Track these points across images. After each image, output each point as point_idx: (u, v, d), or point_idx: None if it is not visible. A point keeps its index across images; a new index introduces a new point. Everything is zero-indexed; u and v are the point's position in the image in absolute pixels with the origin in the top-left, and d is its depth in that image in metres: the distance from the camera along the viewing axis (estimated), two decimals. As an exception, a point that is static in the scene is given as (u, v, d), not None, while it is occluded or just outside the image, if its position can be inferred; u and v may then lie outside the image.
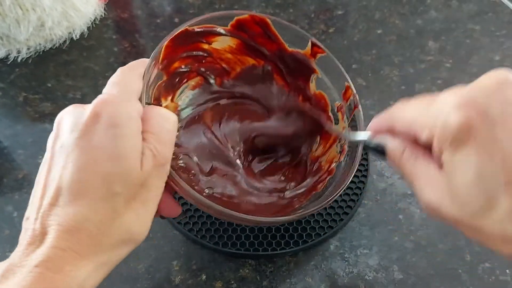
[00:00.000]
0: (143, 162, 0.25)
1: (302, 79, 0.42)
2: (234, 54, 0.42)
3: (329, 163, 0.40)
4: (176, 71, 0.39)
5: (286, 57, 0.41)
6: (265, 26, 0.40)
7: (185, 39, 0.38)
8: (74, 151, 0.24)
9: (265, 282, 0.37)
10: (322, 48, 0.39)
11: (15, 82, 0.54)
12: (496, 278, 0.37)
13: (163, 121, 0.27)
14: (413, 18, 0.63)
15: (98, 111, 0.25)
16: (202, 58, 0.41)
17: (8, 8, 0.52)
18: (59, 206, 0.23)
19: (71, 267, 0.23)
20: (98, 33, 0.60)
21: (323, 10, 0.64)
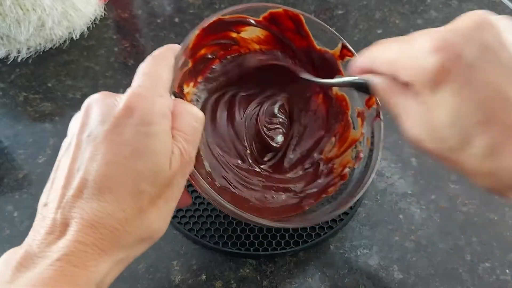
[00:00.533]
0: (171, 161, 0.25)
1: (326, 79, 0.41)
2: (261, 45, 0.41)
3: (343, 167, 0.39)
4: (202, 57, 0.39)
5: (314, 54, 0.41)
6: (298, 22, 0.39)
7: (217, 28, 0.37)
8: (103, 143, 0.24)
9: (265, 282, 0.37)
10: (352, 52, 0.39)
11: (16, 82, 0.54)
12: (497, 277, 0.37)
13: (192, 120, 0.27)
14: (414, 17, 0.63)
15: (132, 105, 0.24)
16: (228, 45, 0.41)
17: (8, 8, 0.52)
18: (83, 199, 0.23)
19: (93, 263, 0.22)
20: (98, 33, 0.60)
21: (323, 10, 0.64)
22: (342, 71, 0.40)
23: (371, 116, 0.38)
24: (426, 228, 0.41)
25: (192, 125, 0.27)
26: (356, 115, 0.40)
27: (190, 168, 0.27)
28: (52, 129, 0.49)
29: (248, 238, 0.39)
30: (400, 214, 0.42)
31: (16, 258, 0.22)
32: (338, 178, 0.39)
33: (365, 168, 0.36)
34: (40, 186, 0.45)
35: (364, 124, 0.38)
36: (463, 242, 0.40)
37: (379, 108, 0.37)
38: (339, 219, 0.40)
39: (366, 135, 0.38)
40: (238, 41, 0.41)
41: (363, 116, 0.39)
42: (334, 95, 0.41)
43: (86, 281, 0.22)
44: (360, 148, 0.38)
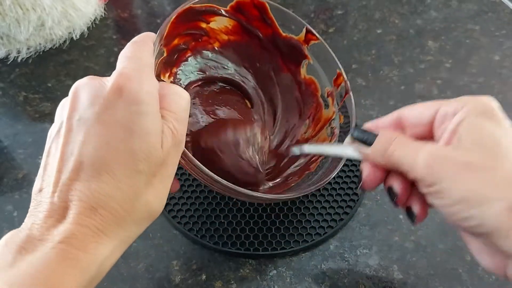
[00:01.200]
0: (163, 141, 0.25)
1: (294, 64, 0.43)
2: (228, 35, 0.43)
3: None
4: (175, 48, 0.40)
5: (280, 41, 0.42)
6: (263, 9, 0.40)
7: (188, 16, 0.38)
8: (95, 125, 0.24)
9: (265, 282, 0.37)
10: (316, 36, 0.40)
11: (15, 81, 0.54)
12: (496, 278, 0.37)
13: (179, 99, 0.27)
14: (413, 18, 0.63)
15: (121, 85, 0.24)
16: (199, 36, 0.41)
17: (8, 8, 0.52)
18: (80, 181, 0.23)
19: (94, 245, 0.23)
20: (98, 33, 0.60)
21: (323, 10, 0.65)
22: (308, 55, 0.41)
23: (340, 95, 0.39)
24: (426, 228, 0.41)
25: (180, 104, 0.27)
26: (326, 95, 0.41)
27: (181, 146, 0.27)
28: (52, 129, 0.49)
29: (248, 238, 0.39)
30: (400, 214, 0.42)
31: (17, 241, 0.22)
32: (318, 155, 0.39)
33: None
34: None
35: (334, 102, 0.40)
36: (462, 243, 0.39)
37: (347, 84, 0.38)
38: (339, 219, 0.40)
39: (337, 112, 0.39)
40: (207, 32, 0.42)
41: (333, 95, 0.40)
42: (302, 80, 0.42)
43: (87, 263, 0.22)
44: (334, 125, 0.39)
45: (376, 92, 0.53)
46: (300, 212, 0.41)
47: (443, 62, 0.57)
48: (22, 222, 0.37)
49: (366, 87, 0.54)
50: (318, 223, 0.40)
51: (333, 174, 0.35)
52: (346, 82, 0.39)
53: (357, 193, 0.42)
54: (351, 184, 0.43)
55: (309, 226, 0.40)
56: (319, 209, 0.41)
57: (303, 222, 0.40)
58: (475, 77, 0.55)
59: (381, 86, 0.54)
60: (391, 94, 0.53)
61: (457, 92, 0.53)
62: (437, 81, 0.54)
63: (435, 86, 0.54)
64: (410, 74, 0.55)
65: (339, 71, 0.39)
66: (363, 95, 0.52)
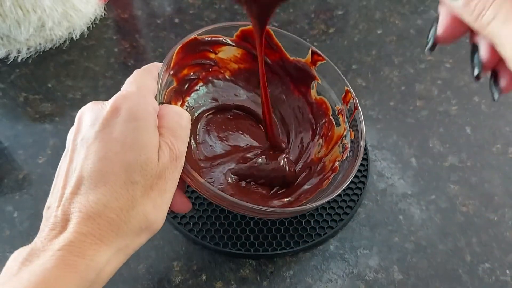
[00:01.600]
0: (159, 155, 0.27)
1: (304, 86, 0.44)
2: (238, 64, 0.44)
3: (332, 162, 0.40)
4: (185, 78, 0.41)
5: (288, 65, 0.43)
6: (268, 36, 0.41)
7: (194, 47, 0.40)
8: (94, 143, 0.26)
9: (265, 282, 0.37)
10: (322, 56, 0.41)
11: (15, 82, 0.54)
12: (497, 278, 0.37)
13: (178, 118, 0.29)
14: (413, 18, 0.63)
15: (118, 105, 0.27)
16: (209, 66, 0.43)
17: (8, 9, 0.52)
18: (80, 195, 0.25)
19: (93, 252, 0.24)
20: (98, 33, 0.60)
21: (323, 10, 0.64)
22: (316, 76, 0.42)
23: (349, 110, 0.40)
24: (426, 229, 0.41)
25: (178, 122, 0.29)
26: (337, 113, 0.41)
27: (180, 162, 0.29)
28: (52, 129, 0.49)
29: (248, 239, 0.39)
30: (400, 215, 0.42)
31: (23, 255, 0.23)
32: (330, 172, 0.40)
33: (353, 156, 0.38)
34: (40, 187, 0.45)
35: (345, 119, 0.40)
36: (463, 243, 0.40)
37: (356, 101, 0.39)
38: (339, 219, 0.40)
39: (348, 128, 0.40)
40: (217, 62, 0.43)
41: (343, 112, 0.41)
42: (313, 101, 0.43)
43: (85, 269, 0.23)
44: (346, 141, 0.40)
45: (376, 92, 0.53)
46: (300, 213, 0.41)
47: (443, 62, 0.57)
48: (22, 222, 0.38)
49: (366, 88, 0.54)
50: (318, 223, 0.40)
51: (344, 185, 0.35)
52: (354, 99, 0.39)
53: (357, 194, 0.42)
54: (351, 184, 0.43)
55: (309, 226, 0.40)
56: (319, 209, 0.41)
57: (303, 223, 0.40)
58: (476, 77, 0.55)
59: (381, 86, 0.54)
60: (391, 94, 0.53)
61: (457, 92, 0.53)
62: (438, 81, 0.54)
63: (436, 86, 0.54)
64: (411, 74, 0.55)
65: (347, 88, 0.40)
66: (363, 96, 0.52)
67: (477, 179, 0.44)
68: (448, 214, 0.42)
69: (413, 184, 0.44)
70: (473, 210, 0.42)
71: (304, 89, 0.44)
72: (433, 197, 0.43)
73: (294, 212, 0.35)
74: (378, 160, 0.46)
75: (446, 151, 0.47)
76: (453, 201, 0.43)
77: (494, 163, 0.46)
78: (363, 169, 0.44)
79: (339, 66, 0.56)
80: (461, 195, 0.43)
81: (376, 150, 0.47)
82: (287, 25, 0.61)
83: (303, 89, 0.44)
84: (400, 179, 0.45)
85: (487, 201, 0.43)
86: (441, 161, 0.46)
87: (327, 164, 0.41)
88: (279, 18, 0.62)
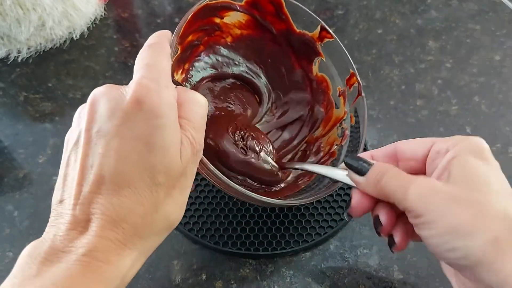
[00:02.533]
0: (182, 152, 0.25)
1: (306, 61, 0.42)
2: (241, 29, 0.42)
3: (330, 145, 0.40)
4: (189, 44, 0.40)
5: (293, 37, 0.42)
6: (279, 5, 0.40)
7: (203, 13, 0.38)
8: (114, 139, 0.24)
9: (265, 282, 0.37)
10: (331, 34, 0.39)
11: (16, 81, 0.54)
12: (496, 278, 0.37)
13: (196, 107, 0.27)
14: (414, 17, 0.63)
15: (140, 98, 0.24)
16: (212, 31, 0.41)
17: (8, 8, 0.52)
18: (102, 195, 0.23)
19: (117, 257, 0.23)
20: (98, 33, 0.60)
21: (323, 10, 0.64)
22: (321, 53, 0.41)
23: (353, 95, 0.39)
24: (426, 228, 0.41)
25: (198, 112, 0.27)
26: (338, 94, 0.40)
27: (200, 155, 0.28)
28: (52, 128, 0.49)
29: (248, 238, 0.39)
30: (400, 214, 0.42)
31: (40, 252, 0.22)
32: (328, 155, 0.39)
33: (354, 145, 0.37)
34: (40, 186, 0.45)
35: (346, 102, 0.39)
36: (463, 242, 0.40)
37: (360, 86, 0.38)
38: (339, 219, 0.40)
39: (349, 112, 0.39)
40: (220, 27, 0.41)
41: (345, 94, 0.40)
42: (314, 77, 0.42)
43: (111, 275, 0.23)
44: (345, 126, 0.39)
45: (377, 92, 0.53)
46: (300, 212, 0.41)
47: (443, 62, 0.57)
48: (22, 221, 0.37)
49: (366, 87, 0.54)
50: (318, 223, 0.40)
51: None
52: (359, 83, 0.38)
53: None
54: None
55: (309, 226, 0.40)
56: (319, 209, 0.41)
57: (303, 222, 0.40)
58: (476, 77, 0.55)
59: (381, 86, 0.54)
60: (391, 93, 0.53)
61: (457, 92, 0.53)
62: (438, 81, 0.54)
63: (436, 86, 0.54)
64: (411, 74, 0.55)
65: (352, 71, 0.39)
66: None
67: (477, 178, 0.44)
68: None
69: (413, 183, 0.44)
70: (473, 209, 0.42)
71: (306, 63, 0.42)
72: (433, 197, 0.43)
73: (297, 203, 0.34)
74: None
75: (446, 150, 0.47)
76: (453, 200, 0.43)
77: (494, 162, 0.46)
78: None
79: (339, 65, 0.56)
80: (461, 194, 0.43)
81: (376, 149, 0.47)
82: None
83: (304, 63, 0.43)
84: (400, 178, 0.44)
85: (487, 200, 0.43)
86: (441, 160, 0.46)
87: (324, 146, 0.40)
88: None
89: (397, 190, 0.26)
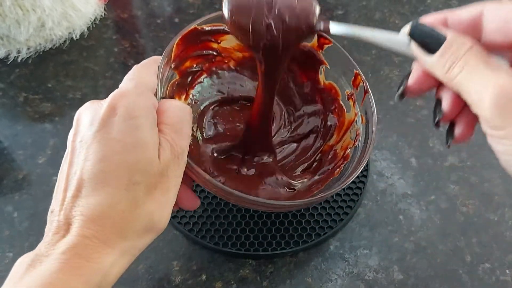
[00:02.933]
0: (160, 152, 0.26)
1: (312, 72, 0.42)
2: (242, 52, 0.42)
3: (344, 149, 0.39)
4: (188, 70, 0.40)
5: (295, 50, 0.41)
6: None
7: (195, 37, 0.38)
8: (93, 143, 0.25)
9: (265, 283, 0.37)
10: (329, 39, 0.39)
11: (15, 82, 0.54)
12: (497, 278, 0.37)
13: (179, 112, 0.28)
14: (413, 18, 0.63)
15: (115, 104, 0.26)
16: (212, 57, 0.42)
17: (8, 9, 0.51)
18: (82, 197, 0.24)
19: (97, 255, 0.23)
20: (98, 33, 0.60)
21: (323, 10, 0.64)
22: (324, 60, 0.40)
23: (360, 94, 0.38)
24: (426, 229, 0.41)
25: (179, 117, 0.28)
26: (347, 98, 0.40)
27: (183, 158, 0.28)
28: (52, 129, 0.48)
29: (248, 239, 0.39)
30: (400, 215, 0.42)
31: (27, 261, 0.23)
32: (342, 160, 0.39)
33: (364, 143, 0.37)
34: (40, 187, 0.45)
35: (355, 104, 0.39)
36: (463, 243, 0.40)
37: (366, 84, 0.37)
38: (339, 219, 0.40)
39: (359, 113, 0.38)
40: (220, 51, 0.42)
41: (353, 97, 0.39)
42: (322, 86, 0.42)
43: (90, 272, 0.23)
44: (357, 127, 0.39)
45: (376, 92, 0.53)
46: (300, 212, 0.41)
47: (443, 62, 0.57)
48: (22, 222, 0.37)
49: (366, 87, 0.54)
50: (318, 223, 0.40)
51: (357, 171, 0.34)
52: (364, 82, 0.38)
53: (357, 193, 0.42)
54: (351, 184, 0.43)
55: (309, 226, 0.40)
56: (319, 209, 0.41)
57: (303, 222, 0.40)
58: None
59: (381, 86, 0.54)
60: (391, 94, 0.53)
61: (457, 92, 0.53)
62: (437, 81, 0.54)
63: (435, 86, 0.54)
64: (410, 74, 0.55)
65: (356, 71, 0.38)
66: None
67: (477, 178, 0.44)
68: (448, 214, 0.42)
69: (413, 184, 0.44)
70: (473, 210, 0.42)
71: (312, 74, 0.42)
72: (433, 197, 0.43)
73: (301, 204, 0.34)
74: (378, 160, 0.46)
75: (446, 151, 0.47)
76: (453, 201, 0.43)
77: (494, 162, 0.46)
78: (363, 169, 0.44)
79: (339, 66, 0.56)
80: (461, 195, 0.43)
81: (376, 150, 0.47)
82: (287, 25, 0.61)
83: (311, 74, 0.42)
84: (400, 179, 0.44)
85: (487, 201, 0.43)
86: (441, 161, 0.46)
87: (339, 152, 0.40)
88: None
89: (471, 87, 0.21)
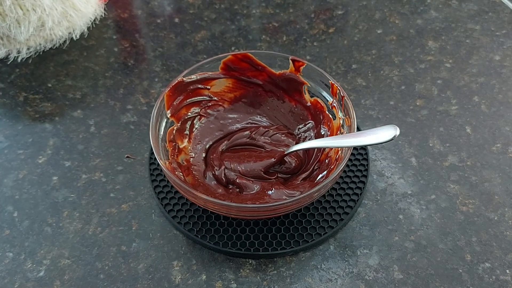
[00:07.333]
0: None
1: (297, 94, 0.46)
2: (233, 92, 0.47)
3: (336, 153, 0.41)
4: (185, 117, 0.45)
5: (277, 80, 0.46)
6: (249, 59, 0.45)
7: (183, 88, 0.44)
8: None
9: (265, 282, 0.37)
10: (301, 61, 0.44)
11: (15, 82, 0.54)
12: (496, 278, 0.37)
13: None
14: (413, 17, 0.63)
15: None
16: (206, 102, 0.46)
17: (8, 8, 0.52)
18: None
19: None
20: (98, 33, 0.60)
21: (323, 10, 0.64)
22: (304, 81, 0.45)
23: (340, 101, 0.41)
24: (426, 228, 0.41)
25: None
26: (331, 107, 0.43)
27: None
28: (52, 129, 0.49)
29: (248, 239, 0.39)
30: (400, 214, 0.42)
31: None
32: (335, 162, 0.41)
33: None
34: (40, 186, 0.45)
35: (338, 111, 0.42)
36: (462, 242, 0.40)
37: (342, 90, 0.41)
38: (339, 219, 0.40)
39: (343, 117, 0.41)
40: (212, 96, 0.46)
41: (335, 105, 0.42)
42: (310, 105, 0.46)
43: None
44: (343, 130, 0.41)
45: (376, 92, 0.53)
46: (300, 212, 0.41)
47: (443, 62, 0.57)
48: (22, 222, 0.37)
49: (366, 87, 0.54)
50: (318, 223, 0.40)
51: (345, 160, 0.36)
52: (340, 88, 0.41)
53: (357, 193, 0.42)
54: (351, 184, 0.43)
55: (309, 226, 0.40)
56: (319, 209, 0.41)
57: (303, 222, 0.40)
58: (476, 77, 0.55)
59: (381, 86, 0.54)
60: (391, 94, 0.53)
61: (457, 92, 0.53)
62: (438, 81, 0.54)
63: (435, 86, 0.54)
64: (410, 74, 0.55)
65: (331, 82, 0.42)
66: (363, 95, 0.52)
67: (477, 178, 0.44)
68: (448, 213, 0.42)
69: (413, 183, 0.44)
70: (473, 209, 0.42)
71: (298, 96, 0.46)
72: (433, 197, 0.43)
73: (295, 202, 0.35)
74: (378, 160, 0.46)
75: (446, 150, 0.47)
76: (453, 200, 0.43)
77: (494, 162, 0.46)
78: (363, 169, 0.44)
79: (339, 65, 0.56)
80: (461, 194, 0.43)
81: (376, 149, 0.47)
82: (287, 25, 0.61)
83: (296, 96, 0.46)
84: (400, 178, 0.44)
85: (487, 200, 0.43)
86: (441, 160, 0.46)
87: (333, 156, 0.41)
88: (279, 18, 0.62)
89: None
